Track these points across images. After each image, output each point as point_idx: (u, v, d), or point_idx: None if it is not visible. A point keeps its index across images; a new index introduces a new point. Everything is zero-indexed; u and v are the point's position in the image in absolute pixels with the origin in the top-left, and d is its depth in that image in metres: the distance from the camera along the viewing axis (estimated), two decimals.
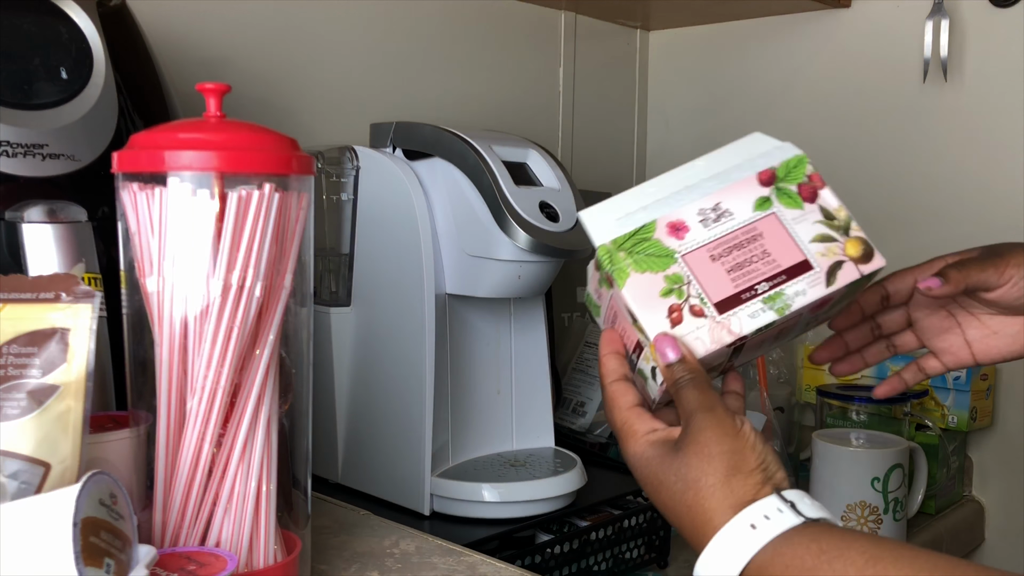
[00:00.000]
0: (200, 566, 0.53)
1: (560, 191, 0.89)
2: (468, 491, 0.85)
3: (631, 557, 0.92)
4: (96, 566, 0.43)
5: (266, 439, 0.58)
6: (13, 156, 0.66)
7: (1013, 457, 1.23)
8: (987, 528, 1.26)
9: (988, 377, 1.21)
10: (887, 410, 1.16)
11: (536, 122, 1.42)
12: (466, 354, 0.93)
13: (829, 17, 1.37)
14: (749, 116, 1.47)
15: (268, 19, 1.08)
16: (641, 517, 0.92)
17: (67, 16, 0.71)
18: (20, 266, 0.67)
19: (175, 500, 0.57)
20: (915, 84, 1.28)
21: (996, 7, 1.21)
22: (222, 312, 0.56)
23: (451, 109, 1.29)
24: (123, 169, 0.57)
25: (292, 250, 0.59)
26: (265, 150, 0.57)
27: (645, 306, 0.55)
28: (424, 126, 0.90)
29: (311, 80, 1.13)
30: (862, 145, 1.34)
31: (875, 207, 1.33)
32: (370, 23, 1.19)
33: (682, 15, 1.48)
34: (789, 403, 1.21)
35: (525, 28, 1.39)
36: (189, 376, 0.57)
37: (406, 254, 0.87)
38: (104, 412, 0.64)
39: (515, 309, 0.97)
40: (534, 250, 0.83)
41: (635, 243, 0.57)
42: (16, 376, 0.51)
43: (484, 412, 0.94)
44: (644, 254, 0.56)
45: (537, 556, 0.82)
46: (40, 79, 0.69)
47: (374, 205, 0.90)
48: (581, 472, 0.91)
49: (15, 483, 0.49)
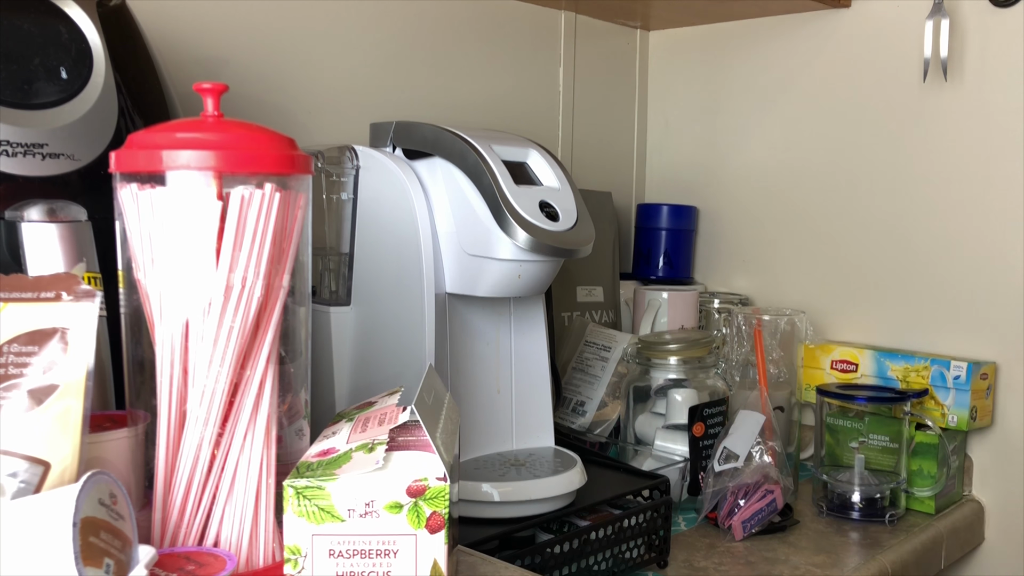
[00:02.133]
0: (199, 566, 0.53)
1: (560, 191, 0.89)
2: (468, 491, 0.85)
3: (631, 557, 0.92)
4: (96, 566, 0.43)
5: (265, 438, 0.58)
6: (13, 156, 0.66)
7: (1013, 457, 1.23)
8: (987, 528, 1.26)
9: (988, 377, 1.21)
10: (887, 409, 1.16)
11: (536, 122, 1.42)
12: (466, 354, 0.93)
13: (829, 17, 1.37)
14: (749, 116, 1.47)
15: (267, 19, 1.08)
16: (641, 517, 0.92)
17: (67, 16, 0.71)
18: (20, 266, 0.67)
19: (175, 500, 0.57)
20: (915, 84, 1.28)
21: (996, 7, 1.21)
22: (223, 312, 0.56)
23: (451, 109, 1.29)
24: (121, 169, 0.57)
25: (291, 249, 0.59)
26: (263, 150, 0.57)
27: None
28: (424, 126, 0.90)
29: (311, 80, 1.13)
30: (862, 145, 1.34)
31: (875, 207, 1.34)
32: (370, 23, 1.19)
33: (682, 15, 1.48)
34: (789, 403, 1.21)
35: (525, 28, 1.39)
36: (189, 376, 0.57)
37: (406, 253, 0.87)
38: (102, 412, 0.64)
39: (515, 309, 0.97)
40: (534, 249, 0.83)
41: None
42: (16, 375, 0.51)
43: (484, 412, 0.94)
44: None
45: (537, 556, 0.81)
46: (40, 79, 0.69)
47: (374, 205, 0.90)
48: (581, 472, 0.91)
49: (15, 482, 0.49)
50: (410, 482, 0.55)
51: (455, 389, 0.91)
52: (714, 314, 1.38)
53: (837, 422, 1.19)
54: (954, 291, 1.27)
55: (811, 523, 1.13)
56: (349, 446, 0.59)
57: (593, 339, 1.25)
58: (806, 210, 1.41)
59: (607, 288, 1.37)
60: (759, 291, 1.47)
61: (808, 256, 1.41)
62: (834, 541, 1.07)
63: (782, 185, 1.43)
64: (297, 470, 0.56)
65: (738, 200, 1.49)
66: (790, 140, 1.42)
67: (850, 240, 1.36)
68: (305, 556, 0.54)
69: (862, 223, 1.35)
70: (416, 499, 0.55)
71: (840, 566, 1.00)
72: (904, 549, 1.07)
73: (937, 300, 1.28)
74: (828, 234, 1.39)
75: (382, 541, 0.55)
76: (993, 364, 1.22)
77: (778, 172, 1.44)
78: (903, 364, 1.22)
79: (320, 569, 0.54)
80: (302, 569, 0.54)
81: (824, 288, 1.39)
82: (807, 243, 1.41)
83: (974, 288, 1.25)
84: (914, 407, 1.18)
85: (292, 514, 0.54)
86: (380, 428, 0.60)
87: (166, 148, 0.56)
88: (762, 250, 1.46)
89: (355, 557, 0.55)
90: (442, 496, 0.55)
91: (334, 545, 0.55)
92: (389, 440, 0.58)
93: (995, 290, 1.23)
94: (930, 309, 1.29)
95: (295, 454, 0.62)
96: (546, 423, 0.98)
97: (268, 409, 0.58)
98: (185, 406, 0.57)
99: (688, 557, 1.00)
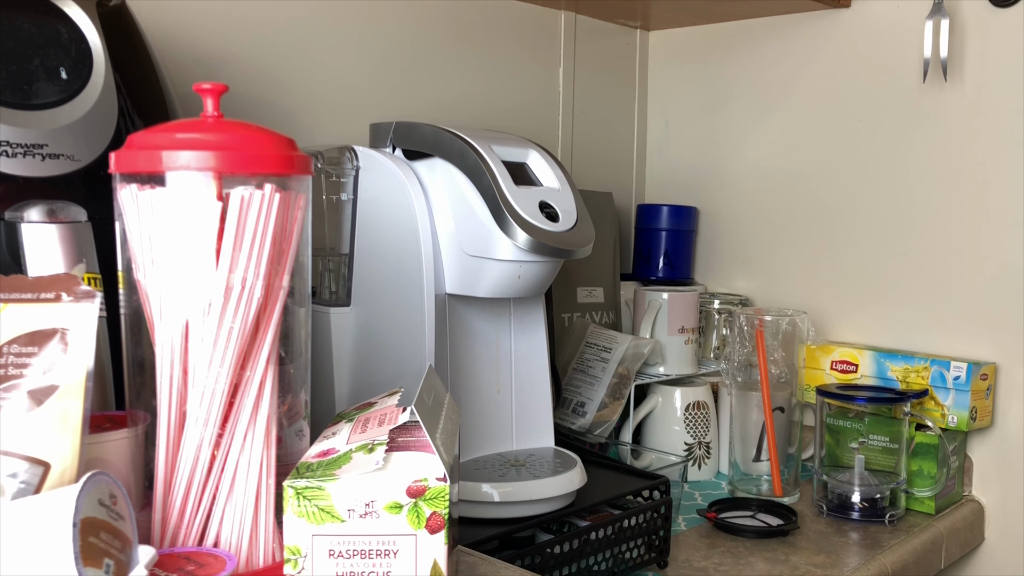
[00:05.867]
0: (199, 566, 0.53)
1: (560, 191, 0.89)
2: (468, 491, 0.85)
3: (631, 557, 0.92)
4: (96, 566, 0.43)
5: (265, 439, 0.58)
6: (13, 156, 0.66)
7: (1013, 457, 1.23)
8: (987, 528, 1.26)
9: (988, 377, 1.21)
10: (887, 410, 1.16)
11: (536, 122, 1.42)
12: (466, 354, 0.93)
13: (829, 17, 1.37)
14: (749, 116, 1.47)
15: (267, 19, 1.08)
16: (641, 517, 0.92)
17: (67, 16, 0.71)
18: (20, 266, 0.67)
19: (175, 500, 0.57)
20: (915, 84, 1.28)
21: (996, 7, 1.21)
22: (223, 312, 0.56)
23: (451, 109, 1.29)
24: (121, 170, 0.57)
25: (290, 250, 0.59)
26: (263, 150, 0.57)
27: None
28: (424, 126, 0.90)
29: (311, 80, 1.13)
30: (862, 145, 1.34)
31: (875, 207, 1.34)
32: (370, 23, 1.19)
33: (682, 15, 1.48)
34: (789, 403, 1.21)
35: (525, 28, 1.39)
36: (189, 376, 0.57)
37: (406, 254, 0.87)
38: (102, 412, 0.64)
39: (515, 309, 0.97)
40: (534, 250, 0.83)
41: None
42: (16, 376, 0.51)
43: (484, 412, 0.94)
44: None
45: (537, 556, 0.81)
46: (40, 79, 0.69)
47: (374, 205, 0.90)
48: (581, 472, 0.91)
49: (15, 483, 0.49)
50: (410, 482, 0.55)
51: (455, 389, 0.91)
52: (714, 315, 1.38)
53: (837, 422, 1.19)
54: (954, 291, 1.27)
55: (811, 523, 1.13)
56: (349, 447, 0.59)
57: (594, 340, 1.25)
58: (806, 210, 1.41)
59: (607, 289, 1.37)
60: (759, 292, 1.47)
61: (808, 256, 1.41)
62: (834, 541, 1.07)
63: (782, 185, 1.43)
64: (297, 470, 0.56)
65: (738, 200, 1.49)
66: (790, 140, 1.42)
67: (850, 240, 1.36)
68: (305, 556, 0.54)
69: (862, 223, 1.35)
70: (416, 499, 0.55)
71: (840, 566, 1.00)
72: (904, 549, 1.07)
73: (937, 300, 1.28)
74: (828, 234, 1.39)
75: (382, 541, 0.55)
76: (993, 365, 1.22)
77: (778, 172, 1.44)
78: (903, 365, 1.22)
79: (320, 569, 0.54)
80: (302, 569, 0.54)
81: (823, 288, 1.39)
82: (807, 243, 1.41)
83: (974, 288, 1.25)
84: (914, 408, 1.18)
85: (292, 514, 0.54)
86: (380, 429, 0.60)
87: (166, 149, 0.56)
88: (762, 250, 1.46)
89: (355, 557, 0.55)
90: (442, 496, 0.55)
91: (334, 545, 0.55)
92: (389, 441, 0.58)
93: (995, 290, 1.23)
94: (930, 309, 1.29)
95: (295, 455, 0.62)
96: (546, 423, 0.98)
97: (268, 410, 0.58)
98: (185, 407, 0.57)
99: (688, 557, 1.00)
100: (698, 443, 1.27)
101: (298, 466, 0.57)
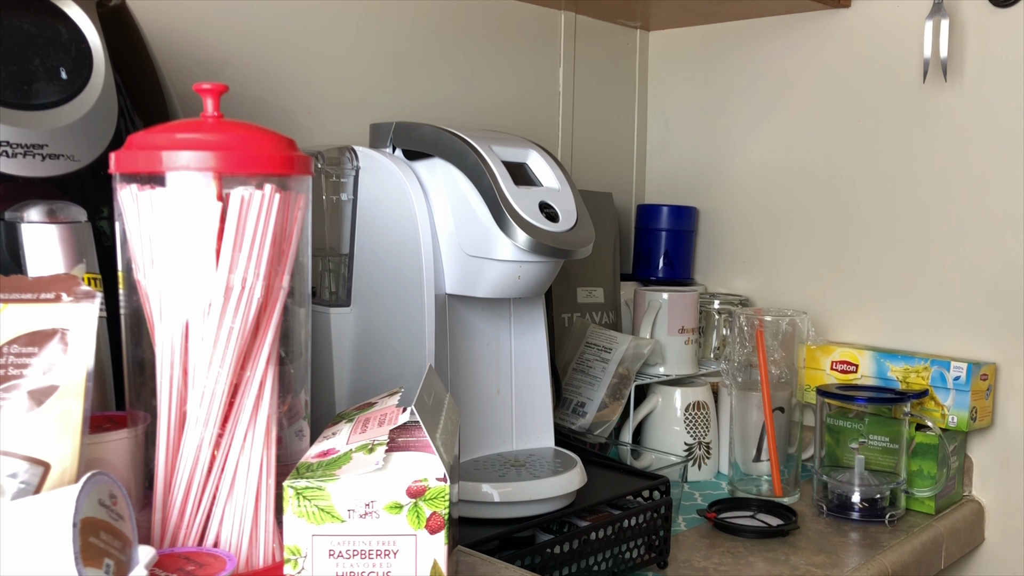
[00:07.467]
0: (199, 566, 0.53)
1: (560, 191, 0.89)
2: (468, 491, 0.85)
3: (631, 557, 0.92)
4: (96, 567, 0.43)
5: (265, 439, 0.58)
6: (13, 156, 0.66)
7: (1013, 457, 1.23)
8: (987, 528, 1.26)
9: (988, 377, 1.21)
10: (887, 410, 1.16)
11: (536, 122, 1.42)
12: (466, 354, 0.93)
13: (829, 17, 1.37)
14: (749, 116, 1.47)
15: (267, 19, 1.08)
16: (641, 517, 0.92)
17: (67, 16, 0.71)
18: (20, 266, 0.67)
19: (175, 500, 0.57)
20: (915, 84, 1.28)
21: (996, 7, 1.21)
22: (223, 313, 0.56)
23: (451, 109, 1.29)
24: (121, 170, 0.57)
25: (290, 250, 0.59)
26: (263, 150, 0.57)
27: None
28: (424, 126, 0.90)
29: (311, 80, 1.13)
30: (862, 145, 1.34)
31: (875, 207, 1.33)
32: (370, 23, 1.19)
33: (682, 15, 1.48)
34: (789, 403, 1.21)
35: (525, 28, 1.39)
36: (189, 376, 0.57)
37: (406, 254, 0.87)
38: (102, 412, 0.64)
39: (515, 309, 0.97)
40: (534, 250, 0.83)
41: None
42: (16, 376, 0.51)
43: (484, 412, 0.94)
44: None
45: (537, 556, 0.81)
46: (40, 79, 0.69)
47: (374, 205, 0.90)
48: (581, 472, 0.91)
49: (15, 483, 0.49)
50: (410, 483, 0.55)
51: (455, 390, 0.91)
52: (714, 315, 1.38)
53: (837, 423, 1.19)
54: (954, 291, 1.27)
55: (811, 523, 1.13)
56: (349, 447, 0.59)
57: (594, 340, 1.25)
58: (806, 210, 1.41)
59: (607, 289, 1.37)
60: (759, 292, 1.47)
61: (808, 257, 1.41)
62: (834, 541, 1.07)
63: (782, 185, 1.43)
64: (297, 471, 0.56)
65: (738, 200, 1.49)
66: (790, 140, 1.42)
67: (850, 240, 1.36)
68: (305, 556, 0.54)
69: (862, 223, 1.35)
70: (416, 499, 0.55)
71: (840, 566, 1.00)
72: (904, 549, 1.07)
73: (937, 300, 1.28)
74: (828, 234, 1.39)
75: (382, 541, 0.55)
76: (993, 365, 1.22)
77: (778, 172, 1.44)
78: (903, 365, 1.22)
79: (320, 569, 0.54)
80: (302, 569, 0.54)
81: (823, 289, 1.39)
82: (807, 243, 1.41)
83: (974, 288, 1.25)
84: (914, 408, 1.18)
85: (292, 514, 0.54)
86: (380, 429, 0.60)
87: (166, 149, 0.56)
88: (762, 250, 1.46)
89: (355, 557, 0.55)
90: (442, 496, 0.55)
91: (334, 545, 0.55)
92: (389, 441, 0.58)
93: (995, 290, 1.23)
94: (930, 310, 1.29)
95: (295, 455, 0.62)
96: (546, 424, 0.98)
97: (268, 410, 0.58)
98: (185, 407, 0.57)
99: (688, 557, 1.00)
100: (698, 443, 1.27)
101: (298, 466, 0.57)
